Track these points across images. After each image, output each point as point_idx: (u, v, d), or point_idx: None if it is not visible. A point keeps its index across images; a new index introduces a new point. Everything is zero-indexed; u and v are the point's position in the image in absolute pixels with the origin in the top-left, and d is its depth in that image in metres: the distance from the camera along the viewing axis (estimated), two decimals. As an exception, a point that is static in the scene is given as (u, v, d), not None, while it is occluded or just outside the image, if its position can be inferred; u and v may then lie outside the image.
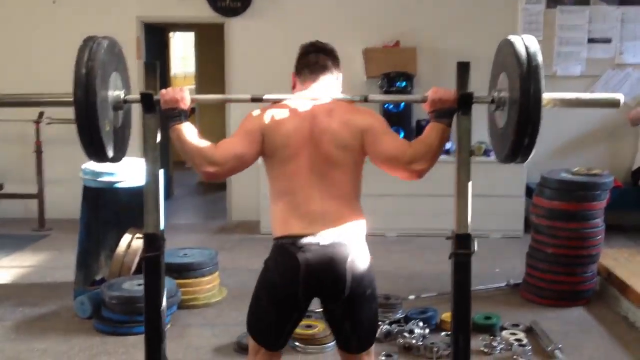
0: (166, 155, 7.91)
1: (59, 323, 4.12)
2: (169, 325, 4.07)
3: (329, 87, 2.45)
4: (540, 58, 2.18)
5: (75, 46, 2.27)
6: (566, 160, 6.22)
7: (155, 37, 7.69)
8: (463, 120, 2.33)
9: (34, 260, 5.49)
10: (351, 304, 2.29)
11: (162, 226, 2.37)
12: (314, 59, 2.45)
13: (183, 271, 4.40)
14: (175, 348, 3.78)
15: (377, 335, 3.77)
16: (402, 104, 6.21)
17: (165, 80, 8.40)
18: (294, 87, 2.50)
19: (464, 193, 2.36)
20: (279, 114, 2.34)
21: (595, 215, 4.46)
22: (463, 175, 2.36)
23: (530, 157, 2.30)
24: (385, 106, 6.23)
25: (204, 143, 2.29)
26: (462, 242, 2.35)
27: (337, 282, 2.25)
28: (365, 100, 2.40)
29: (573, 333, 4.03)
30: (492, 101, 2.37)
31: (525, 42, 2.22)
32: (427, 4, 6.59)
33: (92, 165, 4.43)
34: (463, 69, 2.33)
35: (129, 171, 4.27)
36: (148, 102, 2.30)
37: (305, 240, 2.25)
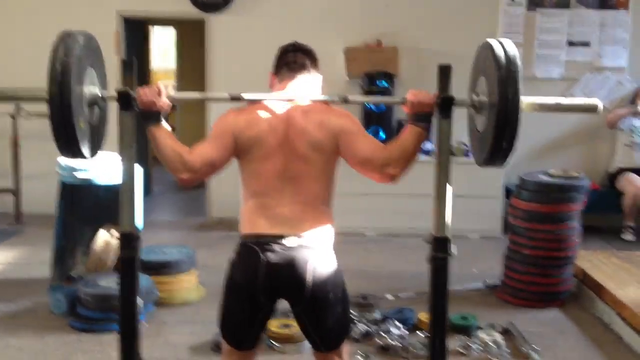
0: (145, 151, 7.86)
1: (34, 320, 4.08)
2: (145, 324, 4.04)
3: (306, 85, 2.45)
4: (519, 62, 2.18)
5: (54, 39, 2.24)
6: (544, 162, 6.27)
7: (135, 32, 7.63)
8: (443, 123, 2.32)
9: (9, 256, 5.43)
10: (314, 307, 2.29)
11: (139, 224, 2.33)
12: (292, 58, 2.45)
13: (161, 268, 4.37)
14: (152, 346, 3.75)
15: (350, 334, 3.83)
16: (382, 105, 6.22)
17: (145, 75, 8.34)
18: (271, 87, 2.50)
19: (443, 196, 2.36)
20: (253, 115, 2.34)
21: (571, 217, 4.50)
22: (442, 178, 2.36)
23: (508, 161, 2.32)
24: (367, 106, 6.24)
25: (179, 148, 2.28)
26: (440, 246, 2.36)
27: (298, 285, 2.25)
28: (345, 101, 2.39)
29: (549, 334, 4.07)
30: (472, 105, 2.38)
31: (504, 47, 2.22)
32: (408, 4, 6.61)
33: (68, 160, 4.37)
34: (444, 72, 2.32)
35: (106, 167, 4.23)
36: (124, 100, 2.28)
37: (269, 240, 2.26)
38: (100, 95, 2.33)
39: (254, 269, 2.25)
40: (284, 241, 2.26)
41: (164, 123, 2.32)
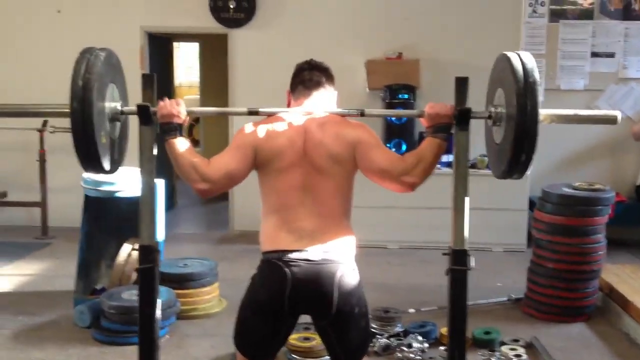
0: (168, 165, 7.92)
1: (58, 332, 4.12)
2: (167, 336, 4.07)
3: (322, 102, 2.47)
4: (537, 74, 2.18)
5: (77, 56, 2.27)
6: (571, 174, 6.20)
7: (160, 47, 7.73)
8: (461, 135, 2.33)
9: (35, 268, 5.50)
10: (339, 321, 2.28)
11: (159, 237, 2.36)
12: (308, 76, 2.48)
13: (183, 281, 4.40)
14: (173, 358, 3.78)
15: (374, 348, 3.82)
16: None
17: (169, 90, 8.42)
18: (288, 105, 2.53)
19: (461, 208, 2.35)
20: (272, 127, 2.36)
21: (596, 230, 4.44)
22: (461, 190, 2.34)
23: (527, 173, 2.29)
24: (388, 119, 6.24)
25: (196, 159, 2.31)
26: (458, 258, 2.35)
27: (324, 299, 2.24)
28: (362, 114, 2.42)
29: (573, 349, 4.01)
30: (489, 117, 2.38)
31: (522, 58, 2.22)
32: (430, 16, 6.61)
33: (92, 174, 4.43)
34: (461, 84, 2.33)
35: (130, 181, 4.27)
36: (144, 114, 2.32)
37: (293, 255, 2.26)
38: (120, 110, 2.38)
39: (279, 285, 2.23)
40: (307, 255, 2.26)
41: (182, 136, 2.35)
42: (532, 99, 2.14)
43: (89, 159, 2.23)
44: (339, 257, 2.29)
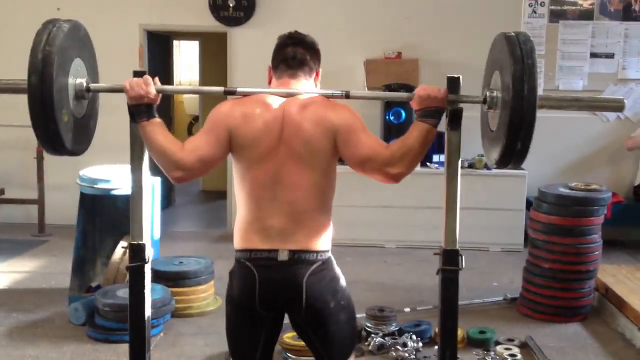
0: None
1: (52, 329, 4.12)
2: (162, 334, 4.07)
3: (306, 83, 2.28)
4: (535, 56, 2.05)
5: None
6: (569, 174, 6.20)
7: (160, 46, 7.73)
8: (452, 135, 2.28)
9: (31, 265, 5.50)
10: (313, 317, 2.19)
11: (155, 235, 2.34)
12: (292, 53, 2.26)
13: (178, 279, 4.40)
14: (168, 357, 3.79)
15: (368, 347, 3.82)
16: (403, 115, 6.20)
17: (169, 88, 8.43)
18: (269, 82, 2.33)
19: (452, 208, 2.33)
20: (248, 109, 2.16)
21: (592, 230, 4.44)
22: (452, 190, 2.32)
23: (521, 163, 2.18)
24: (386, 117, 6.23)
25: (170, 144, 2.14)
26: (450, 258, 2.32)
27: (294, 299, 2.16)
28: (347, 96, 2.25)
29: (568, 349, 4.00)
30: (484, 101, 2.24)
31: (520, 39, 2.10)
32: (429, 16, 6.60)
33: (89, 172, 4.45)
34: (453, 83, 2.23)
35: (126, 178, 4.26)
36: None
37: (262, 255, 2.16)
38: (86, 87, 2.24)
39: (249, 286, 2.16)
40: (277, 255, 2.15)
41: (154, 118, 2.19)
42: (530, 82, 2.01)
43: (48, 138, 2.10)
44: (310, 256, 2.17)
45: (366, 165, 2.14)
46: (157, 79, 2.23)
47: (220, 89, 2.28)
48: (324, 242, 2.22)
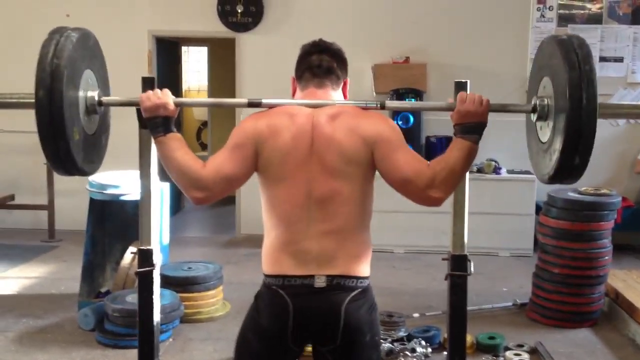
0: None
1: (62, 335, 4.13)
2: (171, 339, 4.08)
3: (334, 93, 2.11)
4: (592, 62, 1.90)
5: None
6: (580, 179, 6.16)
7: (168, 51, 7.76)
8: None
9: (41, 271, 5.53)
10: (346, 351, 1.99)
11: (164, 241, 2.32)
12: (317, 61, 2.09)
13: (187, 285, 4.41)
14: (176, 362, 3.79)
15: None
16: (412, 120, 6.20)
17: (177, 94, 8.45)
18: (293, 94, 2.17)
19: (460, 214, 2.32)
20: (275, 121, 1.99)
21: (602, 235, 4.42)
22: (460, 195, 2.31)
23: (579, 178, 2.02)
24: (395, 121, 6.21)
25: (189, 162, 1.97)
26: (458, 263, 2.31)
27: (329, 329, 1.96)
28: (382, 107, 2.10)
29: (578, 355, 3.98)
30: (534, 110, 2.09)
31: (574, 42, 1.94)
32: (437, 21, 6.60)
33: (98, 178, 4.46)
34: (460, 88, 2.17)
35: (135, 184, 4.28)
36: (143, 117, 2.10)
37: (297, 282, 1.96)
38: (98, 100, 2.12)
39: (282, 316, 1.97)
40: (312, 282, 1.96)
41: (173, 132, 2.04)
42: (590, 90, 1.85)
43: (59, 158, 1.97)
44: (349, 282, 1.98)
45: (406, 186, 1.96)
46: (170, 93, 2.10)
47: (245, 100, 2.14)
48: (364, 267, 2.03)
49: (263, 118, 2.02)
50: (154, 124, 2.03)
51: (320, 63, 2.09)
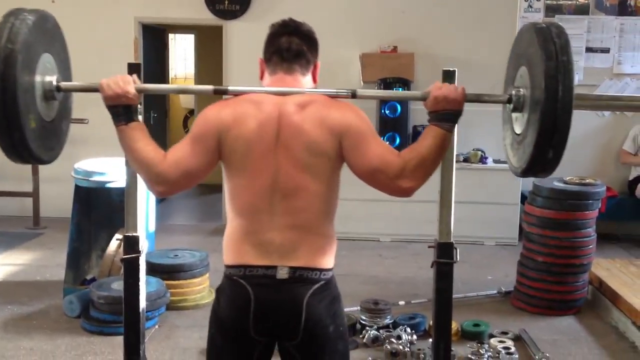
0: (163, 156, 7.92)
1: (47, 322, 4.12)
2: (157, 326, 4.08)
3: (304, 78, 2.03)
4: (570, 51, 1.82)
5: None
6: (564, 168, 6.13)
7: (155, 39, 7.71)
8: (447, 127, 2.28)
9: (26, 258, 5.50)
10: (310, 344, 1.94)
11: (150, 228, 2.31)
12: (286, 44, 1.99)
13: (173, 272, 4.40)
14: (162, 349, 3.79)
15: (363, 340, 3.83)
16: (399, 109, 6.20)
17: (164, 81, 8.41)
18: (261, 76, 2.08)
19: (447, 202, 2.33)
20: (239, 110, 1.91)
21: (586, 224, 4.45)
22: (446, 183, 2.32)
23: (552, 172, 1.96)
24: (382, 111, 6.23)
25: (151, 153, 1.90)
26: (444, 251, 2.32)
27: (291, 321, 1.91)
28: (353, 96, 2.03)
29: (562, 342, 4.02)
30: (509, 101, 2.03)
31: (552, 31, 1.87)
32: (425, 10, 6.60)
33: (83, 165, 4.44)
34: (448, 77, 2.16)
35: (121, 171, 4.26)
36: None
37: (259, 272, 1.91)
38: (56, 86, 2.03)
39: (243, 307, 1.90)
40: (275, 272, 1.90)
41: (135, 121, 1.96)
42: (566, 81, 1.77)
43: (13, 147, 1.89)
44: (312, 275, 1.93)
45: (375, 177, 1.89)
46: (136, 77, 2.02)
47: (210, 87, 2.06)
48: (328, 259, 1.97)
49: (228, 107, 1.94)
50: (115, 113, 1.95)
51: (289, 46, 1.99)
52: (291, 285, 1.91)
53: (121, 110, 1.94)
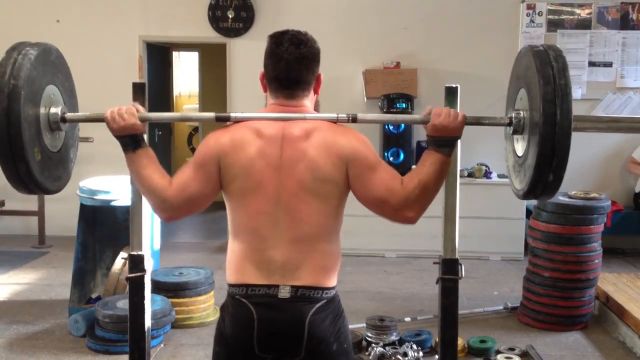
0: (167, 172, 7.93)
1: (52, 341, 4.11)
2: (162, 345, 4.06)
3: (306, 99, 2.03)
4: (568, 75, 1.83)
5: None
6: (569, 183, 6.14)
7: (159, 57, 7.76)
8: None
9: (31, 277, 5.50)
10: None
11: (155, 246, 2.31)
12: (285, 72, 1.97)
13: (178, 290, 4.39)
14: (168, 368, 3.78)
15: (369, 357, 3.81)
16: (402, 125, 6.21)
17: (168, 99, 8.46)
18: (265, 90, 2.08)
19: (451, 218, 2.33)
20: (238, 135, 1.94)
21: (592, 239, 4.44)
22: (451, 200, 2.32)
23: (552, 196, 1.96)
24: (385, 127, 6.24)
25: (157, 180, 1.95)
26: (449, 267, 2.32)
27: (293, 341, 1.92)
28: (354, 120, 2.03)
29: (569, 358, 4.00)
30: (509, 123, 2.04)
31: (550, 54, 1.87)
32: (428, 26, 6.63)
33: (88, 183, 4.45)
34: (451, 93, 2.18)
35: (125, 190, 4.27)
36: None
37: (260, 292, 1.92)
38: (61, 117, 2.06)
39: (246, 326, 1.92)
40: (277, 292, 1.91)
41: (142, 148, 2.00)
42: (564, 105, 1.78)
43: (19, 180, 1.93)
44: (314, 294, 1.93)
45: (380, 207, 1.94)
46: (139, 105, 2.06)
47: (212, 115, 2.05)
48: (330, 278, 1.98)
49: (226, 132, 1.97)
50: (123, 142, 2.00)
51: (288, 75, 1.97)
52: (293, 304, 1.92)
53: (128, 140, 1.99)
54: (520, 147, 2.00)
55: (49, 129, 2.03)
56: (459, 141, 2.27)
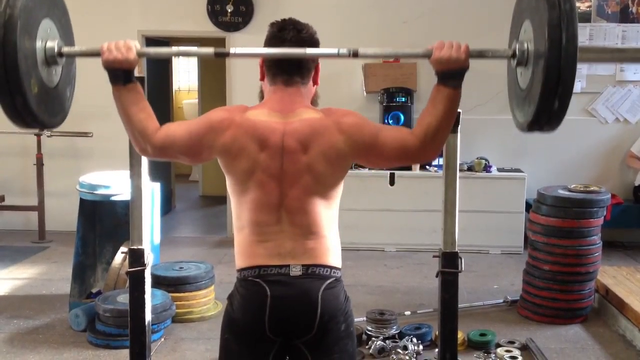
0: (167, 168, 7.94)
1: (53, 336, 4.12)
2: (162, 339, 4.07)
3: (304, 87, 2.06)
4: (574, 0, 1.79)
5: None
6: (569, 176, 6.19)
7: (158, 51, 7.73)
8: (451, 138, 2.29)
9: (31, 272, 5.50)
10: (321, 341, 1.97)
11: (155, 241, 2.31)
12: (284, 65, 2.02)
13: (178, 284, 4.40)
14: (168, 362, 3.79)
15: (369, 351, 3.82)
16: (402, 119, 6.21)
17: (168, 94, 8.45)
18: (262, 78, 2.11)
19: (451, 211, 2.34)
20: (240, 138, 1.95)
21: (591, 232, 4.44)
22: (450, 193, 2.33)
23: (558, 126, 1.91)
24: (385, 121, 6.24)
25: (145, 121, 1.97)
26: (449, 261, 2.33)
27: (306, 317, 1.94)
28: (355, 55, 2.04)
29: (569, 351, 4.01)
30: (513, 55, 1.99)
31: None
32: (427, 20, 6.61)
33: (88, 178, 4.45)
34: None
35: (125, 184, 4.28)
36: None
37: (273, 271, 1.95)
38: (58, 51, 2.00)
39: (260, 305, 1.93)
40: (288, 270, 1.95)
41: (132, 83, 1.99)
42: (569, 30, 1.74)
43: (17, 113, 1.90)
44: (324, 271, 1.98)
45: (402, 156, 1.99)
46: (137, 42, 2.01)
47: (211, 50, 2.05)
48: (337, 259, 2.04)
49: (231, 128, 1.96)
50: (113, 74, 1.97)
51: (287, 69, 2.02)
52: (305, 280, 1.95)
53: (120, 73, 1.96)
54: (523, 80, 1.97)
55: (46, 63, 1.98)
56: (458, 135, 2.29)
